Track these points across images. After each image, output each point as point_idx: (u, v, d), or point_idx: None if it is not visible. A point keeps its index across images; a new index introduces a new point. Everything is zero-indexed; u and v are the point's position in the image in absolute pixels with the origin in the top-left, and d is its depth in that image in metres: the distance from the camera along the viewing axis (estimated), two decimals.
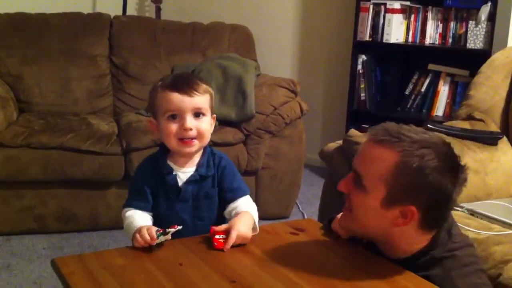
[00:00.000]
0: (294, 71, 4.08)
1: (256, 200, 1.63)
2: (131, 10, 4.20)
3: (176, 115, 1.44)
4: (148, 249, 1.35)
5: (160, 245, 1.36)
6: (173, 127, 1.44)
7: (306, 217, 3.05)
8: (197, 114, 1.45)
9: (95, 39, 3.40)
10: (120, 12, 3.94)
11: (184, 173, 1.50)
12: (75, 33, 3.36)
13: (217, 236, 1.38)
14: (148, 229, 1.36)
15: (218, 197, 1.52)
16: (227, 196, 1.52)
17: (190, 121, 1.43)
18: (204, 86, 1.48)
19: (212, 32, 3.61)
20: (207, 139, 1.48)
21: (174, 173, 1.49)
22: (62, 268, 1.26)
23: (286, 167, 3.06)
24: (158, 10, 4.00)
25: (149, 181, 1.50)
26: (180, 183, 1.49)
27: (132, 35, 3.47)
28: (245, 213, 1.46)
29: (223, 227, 1.40)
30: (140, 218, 1.46)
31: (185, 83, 1.45)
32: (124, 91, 3.39)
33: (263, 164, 3.00)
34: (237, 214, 1.46)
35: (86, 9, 3.69)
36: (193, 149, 1.47)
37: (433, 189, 1.22)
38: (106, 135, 2.83)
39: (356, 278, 1.26)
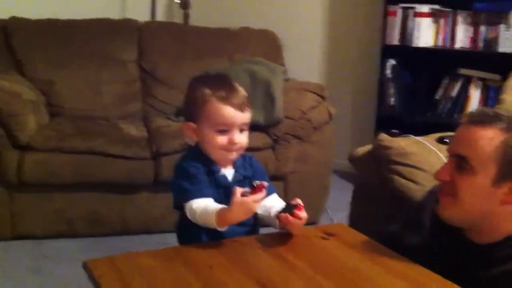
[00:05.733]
0: (322, 75, 4.06)
1: None
2: (160, 16, 4.24)
3: (226, 130, 1.46)
4: (178, 250, 1.36)
5: None
6: (222, 139, 1.46)
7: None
8: (242, 128, 1.49)
9: (125, 44, 3.44)
10: (148, 18, 3.98)
11: (226, 173, 1.52)
12: (105, 39, 3.41)
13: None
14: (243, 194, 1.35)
15: None
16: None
17: (237, 136, 1.47)
18: (246, 95, 1.49)
19: (239, 37, 3.62)
20: (244, 149, 1.53)
21: (222, 173, 1.50)
22: (94, 270, 1.27)
23: (315, 172, 3.04)
24: (186, 16, 4.02)
25: (203, 175, 1.48)
26: (229, 181, 1.51)
27: (161, 41, 3.51)
28: None
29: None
30: (211, 202, 1.43)
31: (237, 96, 1.46)
32: (153, 96, 3.41)
33: (291, 169, 2.99)
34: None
35: (115, 15, 3.74)
36: (234, 156, 1.51)
37: None
38: (135, 140, 2.86)
39: (388, 284, 1.25)
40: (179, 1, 4.07)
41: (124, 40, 3.46)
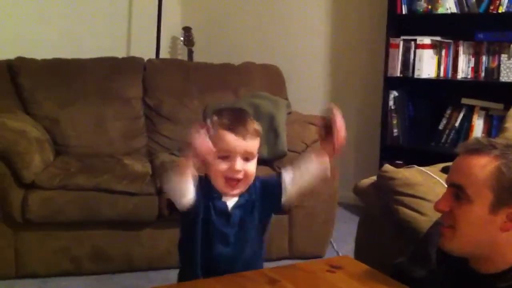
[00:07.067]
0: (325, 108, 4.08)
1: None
2: (164, 54, 4.30)
3: (228, 156, 1.47)
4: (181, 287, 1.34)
5: None
6: (223, 166, 1.48)
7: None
8: (247, 157, 1.49)
9: (129, 81, 3.47)
10: (153, 56, 4.03)
11: (229, 200, 1.53)
12: (110, 77, 3.44)
13: None
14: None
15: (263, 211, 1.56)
16: (273, 191, 1.55)
17: (239, 163, 1.48)
18: (257, 128, 1.52)
19: (243, 72, 3.65)
20: (251, 181, 1.53)
21: (223, 199, 1.51)
22: None
23: (320, 205, 3.03)
24: (190, 53, 4.08)
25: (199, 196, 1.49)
26: (229, 208, 1.52)
27: (165, 77, 3.54)
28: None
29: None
30: None
31: (241, 124, 1.49)
32: (157, 132, 3.43)
33: (296, 202, 2.98)
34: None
35: (120, 53, 3.79)
36: (236, 192, 1.51)
37: None
38: (140, 176, 2.86)
39: None
40: (183, 39, 4.14)
41: (129, 77, 3.49)
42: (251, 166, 1.51)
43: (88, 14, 4.01)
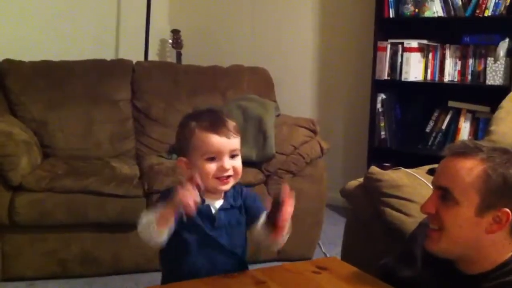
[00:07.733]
0: (314, 110, 4.10)
1: None
2: (153, 56, 4.30)
3: (215, 157, 1.48)
4: None
5: None
6: (212, 167, 1.48)
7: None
8: (233, 155, 1.50)
9: (118, 84, 3.46)
10: (141, 58, 4.03)
11: (213, 204, 1.54)
12: (98, 79, 3.43)
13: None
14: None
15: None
16: (253, 211, 1.56)
17: (228, 162, 1.49)
18: (235, 125, 1.53)
19: (232, 75, 3.66)
20: (240, 175, 1.54)
21: (206, 203, 1.52)
22: None
23: (308, 207, 3.03)
24: (179, 55, 4.09)
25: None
26: (213, 211, 1.52)
27: (154, 80, 3.54)
28: None
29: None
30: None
31: (222, 125, 1.49)
32: (146, 135, 3.43)
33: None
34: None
35: (109, 56, 3.78)
36: (229, 186, 1.52)
37: None
38: (128, 178, 2.86)
39: None
40: (171, 41, 4.14)
41: (117, 79, 3.49)
42: (238, 162, 1.52)
43: (77, 16, 4.01)
